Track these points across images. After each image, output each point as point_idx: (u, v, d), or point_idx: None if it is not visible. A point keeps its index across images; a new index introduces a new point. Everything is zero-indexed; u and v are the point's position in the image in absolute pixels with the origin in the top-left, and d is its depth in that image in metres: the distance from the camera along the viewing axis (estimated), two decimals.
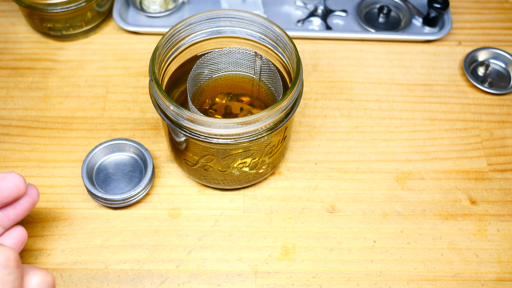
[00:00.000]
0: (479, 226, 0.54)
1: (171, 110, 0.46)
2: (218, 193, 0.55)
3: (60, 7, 0.61)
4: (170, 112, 0.46)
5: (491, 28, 0.70)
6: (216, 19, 0.52)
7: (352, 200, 0.55)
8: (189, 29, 0.52)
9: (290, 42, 0.49)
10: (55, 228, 0.53)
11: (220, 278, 0.50)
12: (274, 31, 0.51)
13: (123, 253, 0.52)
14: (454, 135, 0.60)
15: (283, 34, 0.50)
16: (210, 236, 0.53)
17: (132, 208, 0.54)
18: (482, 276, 0.51)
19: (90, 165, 0.54)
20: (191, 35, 0.52)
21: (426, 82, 0.64)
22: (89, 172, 0.54)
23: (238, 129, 0.45)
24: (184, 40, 0.52)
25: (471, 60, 0.66)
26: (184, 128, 0.46)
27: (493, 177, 0.57)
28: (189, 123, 0.46)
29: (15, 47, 0.66)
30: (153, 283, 0.50)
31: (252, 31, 0.53)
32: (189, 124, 0.46)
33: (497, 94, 0.63)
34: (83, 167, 0.53)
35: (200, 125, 0.46)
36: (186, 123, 0.46)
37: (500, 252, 0.52)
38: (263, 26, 0.52)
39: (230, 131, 0.46)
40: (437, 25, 0.68)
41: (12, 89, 0.62)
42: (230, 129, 0.45)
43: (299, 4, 0.70)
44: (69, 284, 0.50)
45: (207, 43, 0.54)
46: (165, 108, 0.47)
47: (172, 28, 0.50)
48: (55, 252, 0.51)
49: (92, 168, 0.55)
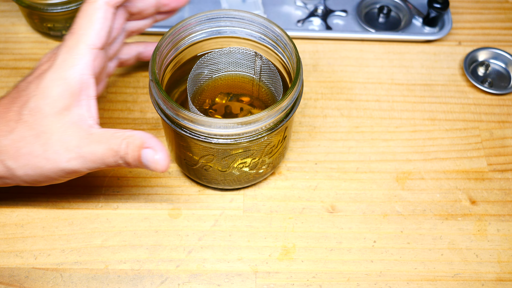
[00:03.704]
0: (479, 226, 0.54)
1: (171, 110, 0.46)
2: (218, 193, 0.55)
3: (60, 7, 0.61)
4: (170, 112, 0.46)
5: (491, 28, 0.70)
6: (216, 19, 0.52)
7: (352, 200, 0.55)
8: (189, 29, 0.52)
9: (290, 42, 0.49)
10: (55, 228, 0.53)
11: (220, 278, 0.50)
12: (274, 31, 0.51)
13: (123, 253, 0.52)
14: (454, 135, 0.60)
15: (283, 34, 0.50)
16: (210, 236, 0.53)
17: (132, 208, 0.54)
18: (482, 276, 0.51)
19: None
20: (191, 35, 0.52)
21: (426, 82, 0.64)
22: None
23: (238, 129, 0.45)
24: (184, 40, 0.52)
25: (471, 60, 0.66)
26: (184, 128, 0.46)
27: (493, 177, 0.57)
28: (189, 123, 0.46)
29: (15, 47, 0.66)
30: (153, 283, 0.50)
31: (252, 31, 0.53)
32: (189, 124, 0.46)
33: (497, 94, 0.63)
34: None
35: (200, 125, 0.45)
36: (186, 123, 0.46)
37: (500, 252, 0.52)
38: (263, 26, 0.52)
39: (230, 131, 0.46)
40: (437, 25, 0.68)
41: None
42: (230, 129, 0.45)
43: (299, 4, 0.70)
44: (69, 284, 0.50)
45: (207, 43, 0.54)
46: (165, 108, 0.47)
47: (172, 28, 0.50)
48: (55, 252, 0.51)
49: None
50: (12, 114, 0.46)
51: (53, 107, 0.45)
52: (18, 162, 0.45)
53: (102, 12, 0.47)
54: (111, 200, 0.55)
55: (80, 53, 0.46)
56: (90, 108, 0.46)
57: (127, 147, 0.44)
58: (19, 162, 0.45)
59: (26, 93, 0.46)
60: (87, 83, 0.46)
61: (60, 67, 0.45)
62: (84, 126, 0.45)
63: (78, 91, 0.45)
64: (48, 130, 0.45)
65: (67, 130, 0.45)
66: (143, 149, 0.44)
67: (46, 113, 0.45)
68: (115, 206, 0.54)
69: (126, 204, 0.54)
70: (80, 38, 0.46)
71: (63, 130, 0.45)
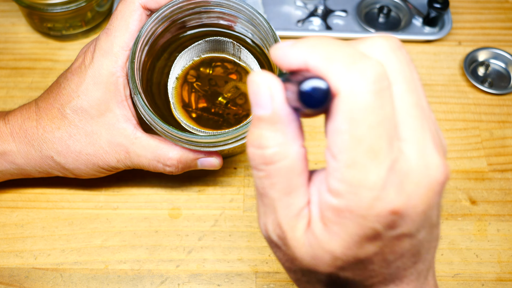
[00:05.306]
0: (479, 226, 0.54)
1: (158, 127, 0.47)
2: (218, 193, 0.55)
3: (60, 7, 0.61)
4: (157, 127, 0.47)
5: (491, 28, 0.70)
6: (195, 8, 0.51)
7: None
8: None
9: (265, 23, 0.48)
10: (55, 228, 0.53)
11: (220, 278, 0.50)
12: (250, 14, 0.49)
13: (123, 253, 0.52)
14: (454, 135, 0.60)
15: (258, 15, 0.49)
16: (210, 236, 0.53)
17: (132, 208, 0.54)
18: (482, 276, 0.51)
19: None
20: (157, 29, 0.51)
21: (426, 82, 0.64)
22: None
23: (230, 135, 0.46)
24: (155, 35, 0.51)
25: (471, 60, 0.66)
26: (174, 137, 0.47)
27: (493, 177, 0.57)
28: (179, 138, 0.47)
29: (15, 47, 0.66)
30: (153, 283, 0.50)
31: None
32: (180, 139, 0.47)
33: (497, 94, 0.63)
34: None
35: (190, 142, 0.47)
36: (175, 138, 0.47)
37: (500, 252, 0.52)
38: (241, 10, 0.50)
39: (221, 138, 0.46)
40: (437, 25, 0.68)
41: (12, 89, 0.62)
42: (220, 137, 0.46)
43: (299, 4, 0.70)
44: (69, 284, 0.50)
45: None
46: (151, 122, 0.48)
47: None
48: (55, 252, 0.51)
49: None
50: (56, 112, 0.49)
51: (97, 110, 0.48)
52: (68, 158, 0.49)
53: (138, 15, 0.48)
54: (111, 200, 0.55)
55: (116, 55, 0.47)
56: (130, 108, 0.49)
57: (180, 161, 0.49)
58: (68, 158, 0.49)
59: (67, 92, 0.48)
60: (123, 84, 0.48)
61: (97, 70, 0.47)
62: (129, 129, 0.48)
63: (118, 93, 0.48)
64: (97, 131, 0.48)
65: (114, 132, 0.48)
66: (199, 159, 0.49)
67: (92, 115, 0.48)
68: (115, 206, 0.54)
69: (126, 204, 0.54)
70: (115, 40, 0.47)
71: (110, 132, 0.48)
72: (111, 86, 0.47)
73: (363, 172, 0.27)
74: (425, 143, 0.28)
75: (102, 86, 0.47)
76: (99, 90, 0.47)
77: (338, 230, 0.28)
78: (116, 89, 0.48)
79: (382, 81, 0.27)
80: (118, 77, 0.48)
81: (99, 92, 0.47)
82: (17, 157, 0.49)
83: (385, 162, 0.27)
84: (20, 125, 0.49)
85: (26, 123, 0.49)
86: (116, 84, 0.48)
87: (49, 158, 0.49)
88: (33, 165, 0.50)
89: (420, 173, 0.28)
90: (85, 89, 0.48)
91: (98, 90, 0.47)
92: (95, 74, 0.47)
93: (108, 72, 0.47)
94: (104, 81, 0.47)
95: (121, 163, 0.49)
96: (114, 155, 0.49)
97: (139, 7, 0.48)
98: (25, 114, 0.50)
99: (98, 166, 0.49)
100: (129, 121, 0.48)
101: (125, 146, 0.48)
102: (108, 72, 0.47)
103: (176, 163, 0.49)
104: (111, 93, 0.48)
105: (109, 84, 0.47)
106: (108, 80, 0.47)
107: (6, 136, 0.49)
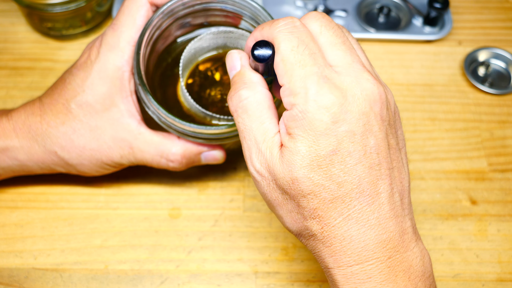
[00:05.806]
0: (480, 226, 0.54)
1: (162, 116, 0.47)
2: (218, 193, 0.55)
3: (60, 7, 0.61)
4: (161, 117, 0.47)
5: (491, 28, 0.70)
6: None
7: None
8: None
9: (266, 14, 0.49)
10: (54, 228, 0.53)
11: (220, 278, 0.50)
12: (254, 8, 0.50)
13: (123, 253, 0.52)
14: (454, 135, 0.60)
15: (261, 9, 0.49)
16: (210, 236, 0.53)
17: (132, 208, 0.54)
18: (482, 277, 0.51)
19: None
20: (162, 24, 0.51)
21: (426, 82, 0.64)
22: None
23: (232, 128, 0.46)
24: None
25: (471, 60, 0.66)
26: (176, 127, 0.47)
27: (494, 177, 0.57)
28: (183, 130, 0.47)
29: (15, 47, 0.66)
30: (153, 283, 0.50)
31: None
32: (183, 130, 0.47)
33: (497, 94, 0.63)
34: None
35: (194, 133, 0.47)
36: (180, 130, 0.47)
37: (501, 253, 0.52)
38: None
39: (224, 129, 0.46)
40: (437, 25, 0.68)
41: (12, 89, 0.62)
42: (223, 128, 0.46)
43: (299, 4, 0.70)
44: (69, 284, 0.50)
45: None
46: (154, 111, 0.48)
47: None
48: (55, 252, 0.51)
49: None
50: (61, 107, 0.48)
51: (102, 104, 0.48)
52: (71, 153, 0.49)
53: (145, 10, 0.48)
54: (111, 200, 0.54)
55: (122, 50, 0.47)
56: (134, 103, 0.49)
57: (184, 156, 0.49)
58: (72, 153, 0.49)
59: (72, 87, 0.48)
60: (129, 78, 0.48)
61: (103, 64, 0.47)
62: (133, 124, 0.48)
63: (123, 87, 0.48)
64: (101, 125, 0.48)
65: (119, 127, 0.48)
66: (202, 153, 0.50)
67: (97, 109, 0.48)
68: (115, 206, 0.54)
69: (126, 204, 0.54)
70: (121, 35, 0.48)
71: (115, 127, 0.48)
72: (117, 81, 0.47)
73: (300, 80, 0.35)
74: (354, 64, 0.36)
75: (108, 81, 0.47)
76: (105, 85, 0.47)
77: (299, 132, 0.35)
78: (121, 84, 0.48)
79: (292, 23, 0.37)
80: (124, 72, 0.48)
81: (104, 86, 0.47)
82: (20, 153, 0.49)
83: (313, 69, 0.35)
84: (24, 120, 0.49)
85: (30, 119, 0.49)
86: (121, 78, 0.48)
87: (53, 153, 0.49)
88: (36, 161, 0.50)
89: (353, 87, 0.36)
90: (91, 83, 0.48)
91: (104, 85, 0.47)
92: (101, 69, 0.47)
93: (114, 67, 0.47)
94: (110, 75, 0.47)
95: (124, 158, 0.49)
96: (117, 150, 0.49)
97: (146, 2, 0.48)
98: (28, 110, 0.50)
99: (102, 162, 0.49)
100: (133, 116, 0.48)
101: (128, 141, 0.48)
102: (114, 67, 0.47)
103: (179, 158, 0.49)
104: (116, 88, 0.48)
105: (114, 78, 0.47)
106: (114, 75, 0.47)
107: (9, 131, 0.49)
